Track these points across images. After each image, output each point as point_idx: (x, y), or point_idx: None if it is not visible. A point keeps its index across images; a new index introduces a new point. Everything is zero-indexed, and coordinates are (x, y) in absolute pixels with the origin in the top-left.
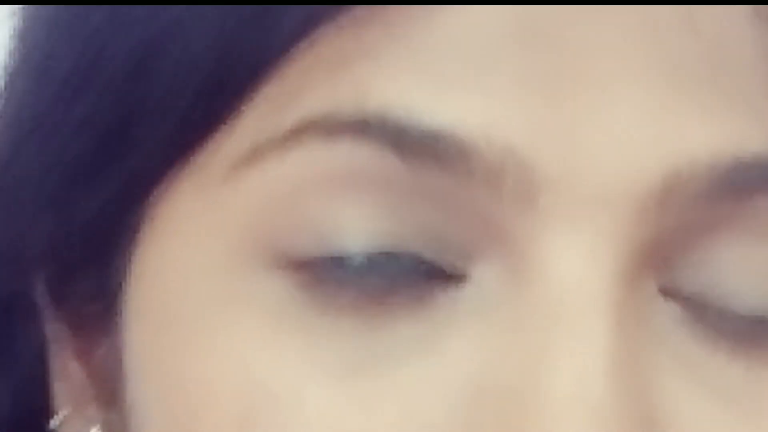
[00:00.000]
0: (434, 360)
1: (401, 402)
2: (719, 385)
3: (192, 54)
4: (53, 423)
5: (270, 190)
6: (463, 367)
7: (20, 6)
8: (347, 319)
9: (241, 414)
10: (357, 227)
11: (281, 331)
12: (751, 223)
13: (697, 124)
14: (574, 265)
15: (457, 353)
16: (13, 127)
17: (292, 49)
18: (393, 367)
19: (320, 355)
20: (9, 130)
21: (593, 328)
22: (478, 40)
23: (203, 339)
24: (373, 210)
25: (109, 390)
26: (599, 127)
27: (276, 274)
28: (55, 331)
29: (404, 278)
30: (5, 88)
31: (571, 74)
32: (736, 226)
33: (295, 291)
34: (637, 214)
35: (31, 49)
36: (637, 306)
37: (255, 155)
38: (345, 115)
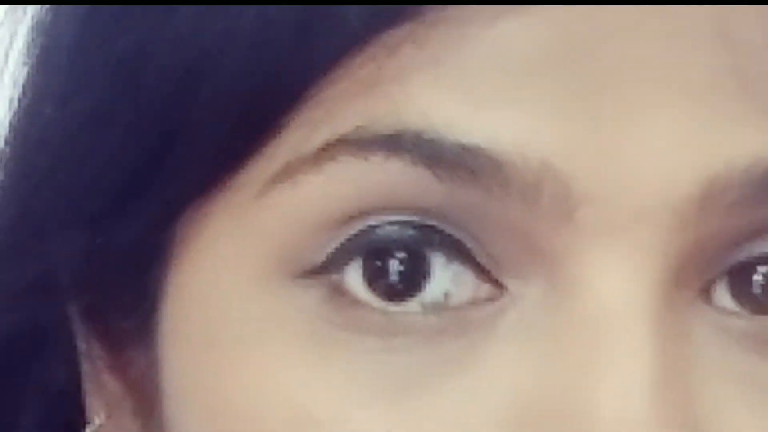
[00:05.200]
0: (476, 378)
1: (444, 420)
2: (765, 389)
3: (231, 77)
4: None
5: (301, 205)
6: (504, 385)
7: (37, 23)
8: (377, 338)
9: None
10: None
11: (317, 351)
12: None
13: (732, 134)
14: (615, 280)
15: (499, 371)
16: (42, 152)
17: (326, 73)
18: (434, 386)
19: (359, 376)
20: (38, 155)
21: (636, 345)
22: (512, 56)
23: (243, 360)
24: (404, 227)
25: (147, 403)
26: (635, 140)
27: (305, 288)
28: (87, 346)
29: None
30: (28, 109)
31: (607, 88)
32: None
33: (323, 306)
34: (676, 225)
35: (53, 76)
36: (677, 314)
37: (288, 172)
38: (378, 129)
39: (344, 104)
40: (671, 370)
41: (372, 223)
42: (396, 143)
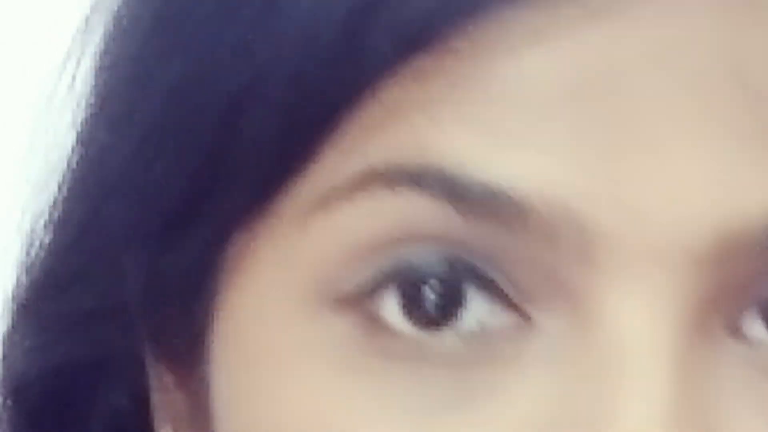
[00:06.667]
0: (500, 404)
1: None
2: None
3: (269, 103)
4: None
5: (336, 235)
6: (530, 412)
7: (96, 56)
8: (410, 364)
9: None
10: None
11: (348, 375)
12: None
13: (749, 181)
14: (634, 318)
15: (522, 398)
16: (94, 182)
17: (357, 98)
18: (460, 412)
19: (387, 401)
20: (91, 185)
21: (654, 380)
22: (535, 92)
23: (277, 383)
24: (434, 257)
25: (205, 419)
26: (653, 183)
27: (340, 315)
28: (153, 363)
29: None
30: (85, 133)
31: (626, 127)
32: None
33: (357, 333)
34: (693, 268)
35: (109, 102)
36: (702, 351)
37: (325, 203)
38: (404, 164)
39: (375, 132)
40: (691, 404)
41: (404, 253)
42: (421, 179)
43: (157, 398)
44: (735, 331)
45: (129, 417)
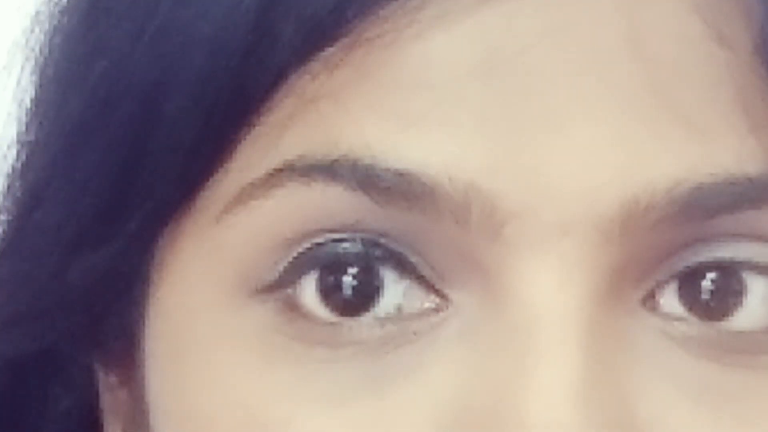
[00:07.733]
0: (418, 385)
1: (385, 425)
2: (709, 392)
3: (185, 98)
4: None
5: (255, 228)
6: (446, 390)
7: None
8: (329, 350)
9: None
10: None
11: (269, 360)
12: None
13: (653, 153)
14: (543, 290)
15: (440, 378)
16: (26, 183)
17: (270, 92)
18: (378, 393)
19: (307, 384)
20: (24, 185)
21: (564, 351)
22: (439, 75)
23: (204, 374)
24: (351, 245)
25: (144, 417)
26: (556, 156)
27: (262, 304)
28: (98, 363)
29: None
30: (20, 136)
31: (528, 104)
32: (704, 243)
33: (278, 320)
34: (600, 239)
35: (39, 103)
36: (614, 322)
37: (242, 196)
38: (317, 157)
39: (289, 126)
40: (603, 375)
41: (321, 241)
42: (334, 171)
43: (105, 399)
44: (652, 304)
45: (82, 420)
